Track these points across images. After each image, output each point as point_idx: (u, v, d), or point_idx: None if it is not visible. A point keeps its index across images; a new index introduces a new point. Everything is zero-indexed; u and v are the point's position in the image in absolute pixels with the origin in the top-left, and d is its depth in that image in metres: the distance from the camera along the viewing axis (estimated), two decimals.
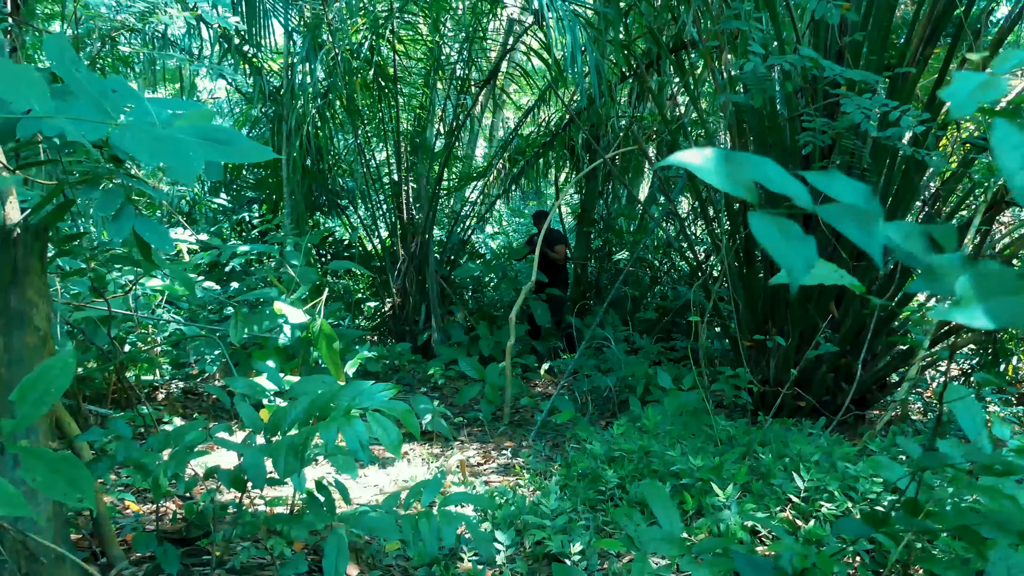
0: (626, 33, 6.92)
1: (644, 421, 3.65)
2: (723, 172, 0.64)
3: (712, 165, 0.64)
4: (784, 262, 0.59)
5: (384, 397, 1.91)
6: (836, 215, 0.63)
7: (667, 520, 1.41)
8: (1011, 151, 0.64)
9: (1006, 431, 1.42)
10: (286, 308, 3.84)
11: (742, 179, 0.64)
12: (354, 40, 6.55)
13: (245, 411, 1.97)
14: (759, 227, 0.62)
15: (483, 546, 2.08)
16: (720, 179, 0.64)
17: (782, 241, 0.60)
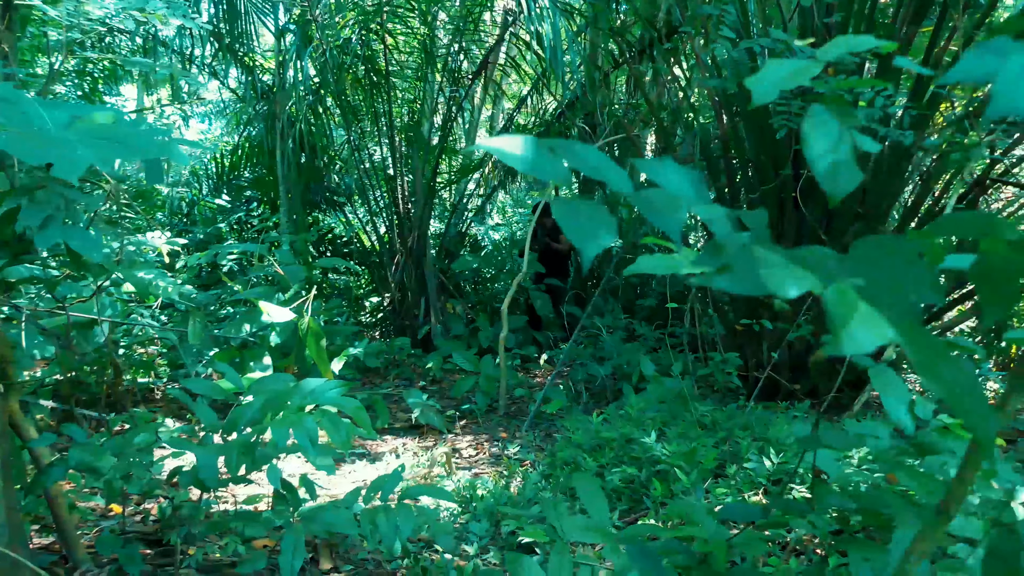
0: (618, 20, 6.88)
1: (627, 409, 3.65)
2: (532, 159, 0.64)
3: (523, 152, 0.65)
4: (574, 238, 0.60)
5: (337, 394, 1.92)
6: (643, 200, 0.63)
7: (595, 510, 1.41)
8: (820, 137, 0.64)
9: (928, 410, 1.41)
10: (270, 307, 3.87)
11: (554, 167, 0.64)
12: (343, 35, 6.56)
13: (202, 411, 1.99)
14: (558, 209, 0.62)
15: (443, 538, 2.10)
16: (529, 166, 0.64)
17: (575, 220, 0.60)
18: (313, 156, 7.19)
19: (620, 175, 0.67)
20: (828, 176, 0.62)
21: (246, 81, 6.95)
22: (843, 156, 0.63)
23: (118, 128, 1.21)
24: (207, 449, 1.85)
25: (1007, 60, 0.44)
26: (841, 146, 0.63)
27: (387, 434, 4.79)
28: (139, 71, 7.90)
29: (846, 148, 0.63)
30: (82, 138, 1.11)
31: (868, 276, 0.52)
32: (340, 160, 8.06)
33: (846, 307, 0.47)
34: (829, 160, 0.62)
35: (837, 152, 0.63)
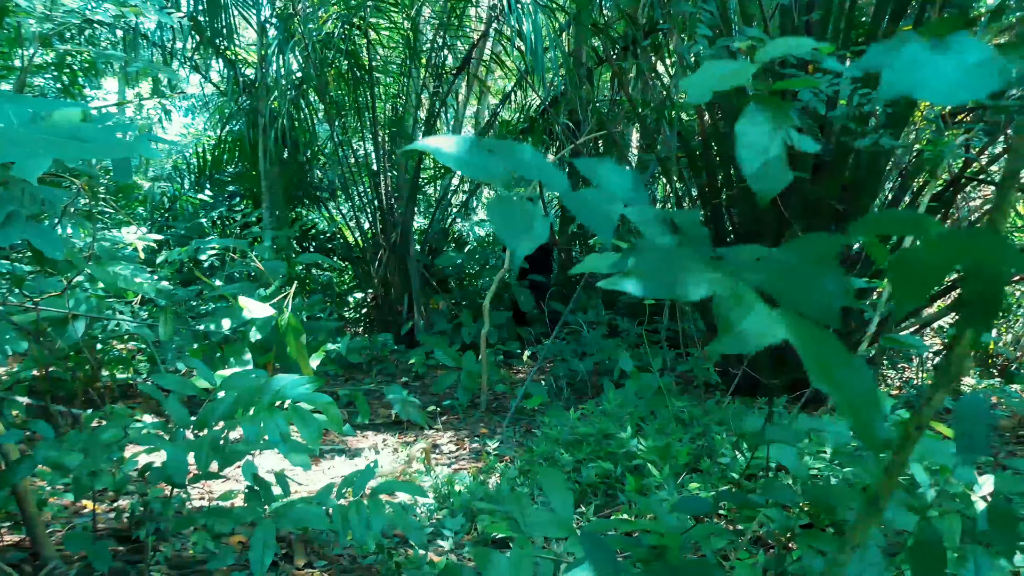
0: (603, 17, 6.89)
1: (605, 404, 3.67)
2: (468, 160, 0.65)
3: (458, 152, 0.65)
4: (504, 238, 0.60)
5: (308, 390, 1.92)
6: (575, 200, 0.64)
7: (560, 504, 1.42)
8: (752, 137, 0.65)
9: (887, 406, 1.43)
10: (249, 303, 3.86)
11: (490, 167, 0.65)
12: (326, 30, 6.53)
13: (173, 408, 1.99)
14: (493, 208, 0.63)
15: (413, 533, 2.11)
16: (465, 166, 0.65)
17: (506, 220, 0.61)
18: (296, 151, 7.16)
19: (556, 175, 0.68)
20: (757, 176, 0.63)
21: (228, 75, 6.91)
22: (773, 157, 0.64)
23: (83, 126, 1.21)
24: (177, 445, 1.85)
25: (899, 52, 0.45)
26: (772, 147, 0.64)
27: (368, 430, 4.79)
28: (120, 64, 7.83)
29: (777, 149, 0.64)
30: (44, 136, 1.10)
31: (785, 277, 0.53)
32: (323, 156, 8.03)
33: (741, 308, 0.48)
34: (759, 161, 0.64)
35: (767, 153, 0.64)
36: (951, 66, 0.44)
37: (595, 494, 2.95)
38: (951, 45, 0.46)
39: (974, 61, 0.44)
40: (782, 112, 0.69)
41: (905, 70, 0.43)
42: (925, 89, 0.43)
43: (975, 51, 0.45)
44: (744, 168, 0.64)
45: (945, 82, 0.43)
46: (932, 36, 0.58)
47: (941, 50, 0.45)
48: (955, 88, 0.42)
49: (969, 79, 0.43)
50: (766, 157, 0.64)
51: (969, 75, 0.43)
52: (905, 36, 0.48)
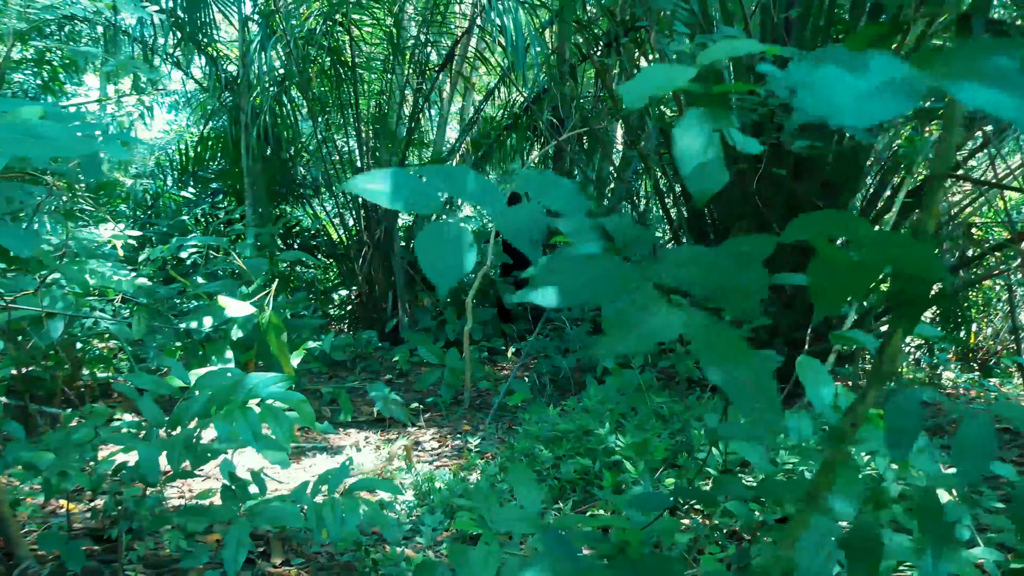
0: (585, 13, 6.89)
1: (586, 401, 3.69)
2: (400, 194, 0.65)
3: (389, 188, 0.66)
4: (428, 272, 0.61)
5: (281, 388, 1.92)
6: (505, 219, 0.65)
7: (528, 500, 1.44)
8: (689, 139, 0.66)
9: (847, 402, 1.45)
10: (229, 302, 3.85)
11: (425, 198, 0.66)
12: (308, 26, 6.51)
13: (147, 407, 1.99)
14: (421, 240, 0.63)
15: (388, 530, 2.12)
16: (398, 202, 0.65)
17: (432, 251, 0.62)
18: (278, 148, 7.13)
19: (495, 196, 0.69)
20: (693, 178, 0.64)
21: (210, 72, 6.87)
22: (710, 159, 0.65)
23: (41, 124, 1.21)
24: (149, 445, 1.85)
25: (816, 71, 0.46)
26: (708, 150, 0.65)
27: (351, 427, 4.79)
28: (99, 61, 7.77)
29: (714, 151, 0.66)
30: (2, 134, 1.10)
31: (707, 278, 0.54)
32: (307, 153, 8.00)
33: (643, 305, 0.49)
34: (696, 162, 0.65)
35: (703, 155, 0.65)
36: (864, 87, 0.44)
37: (574, 490, 2.97)
38: (867, 63, 0.47)
39: (885, 80, 0.45)
40: (722, 115, 0.70)
41: (819, 91, 0.44)
42: (838, 112, 0.43)
43: (888, 69, 0.46)
44: (681, 169, 0.65)
45: (857, 104, 0.43)
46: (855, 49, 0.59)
47: (856, 69, 0.46)
48: (866, 110, 0.43)
49: (880, 100, 0.43)
50: (702, 159, 0.65)
51: (880, 96, 0.43)
52: (824, 54, 0.49)
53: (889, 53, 0.48)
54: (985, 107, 0.43)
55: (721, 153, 0.66)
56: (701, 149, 0.66)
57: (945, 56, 0.48)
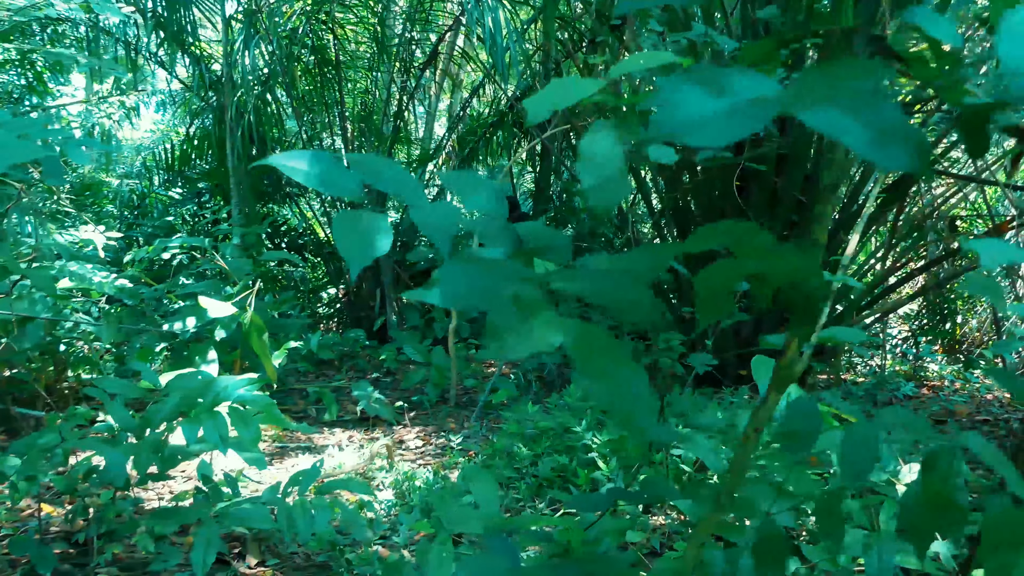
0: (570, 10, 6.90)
1: (567, 398, 3.71)
2: (321, 176, 0.67)
3: (310, 168, 0.67)
4: (344, 252, 0.63)
5: (249, 391, 1.94)
6: (421, 214, 0.66)
7: (485, 501, 1.45)
8: (593, 152, 0.68)
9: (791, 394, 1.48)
10: (210, 302, 3.86)
11: (345, 182, 0.67)
12: (291, 25, 6.50)
13: (115, 410, 2.00)
14: (337, 223, 0.65)
15: (357, 530, 2.13)
16: (318, 182, 0.67)
17: (348, 234, 0.63)
18: (264, 147, 7.12)
19: (414, 189, 0.70)
20: (593, 191, 0.65)
21: (194, 72, 6.86)
22: (611, 172, 0.66)
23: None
24: (116, 448, 1.86)
25: (679, 89, 0.47)
26: (611, 163, 0.67)
27: (336, 427, 4.81)
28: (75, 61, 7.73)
29: (615, 165, 0.67)
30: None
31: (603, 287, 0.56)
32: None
33: (527, 313, 0.50)
34: (597, 176, 0.66)
35: (606, 168, 0.66)
36: (716, 107, 0.45)
37: (551, 487, 2.99)
38: (728, 83, 0.48)
39: (737, 101, 0.46)
40: (630, 127, 0.71)
41: (674, 110, 0.45)
42: (686, 131, 0.44)
43: (748, 89, 0.47)
44: (582, 182, 0.66)
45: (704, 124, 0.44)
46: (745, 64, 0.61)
47: (716, 89, 0.47)
48: (713, 131, 0.44)
49: (727, 121, 0.44)
50: (604, 172, 0.67)
51: (729, 117, 0.45)
52: (694, 72, 0.49)
53: (754, 73, 0.49)
54: (832, 133, 0.44)
55: (624, 166, 0.68)
56: (603, 163, 0.67)
57: (804, 76, 0.50)
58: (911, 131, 0.42)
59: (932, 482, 0.63)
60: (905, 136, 0.42)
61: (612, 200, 0.66)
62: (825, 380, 5.69)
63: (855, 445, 0.72)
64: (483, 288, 0.53)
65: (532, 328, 0.50)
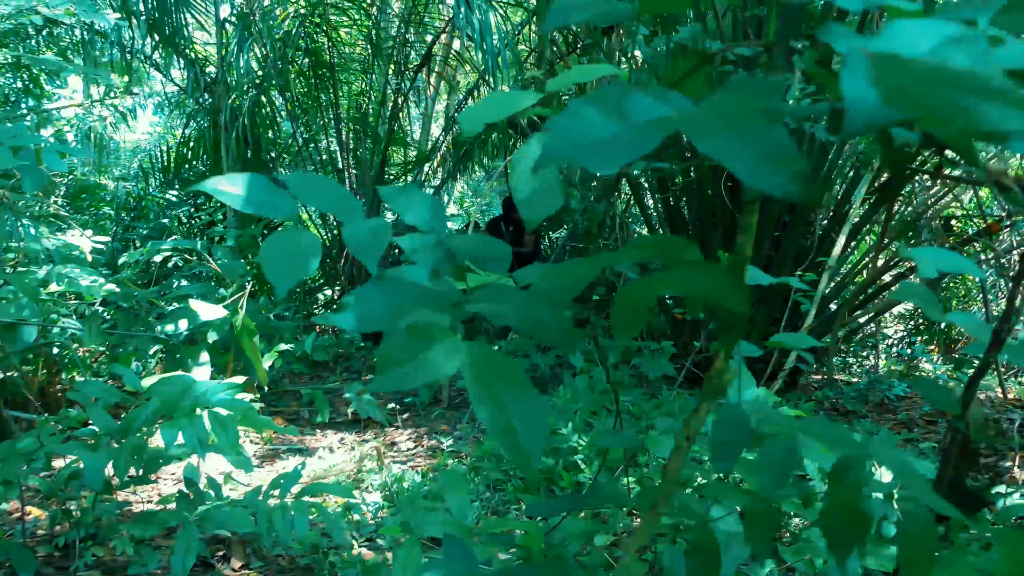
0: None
1: (555, 399, 3.72)
2: (254, 199, 0.68)
3: (243, 192, 0.68)
4: (270, 275, 0.63)
5: (230, 395, 1.95)
6: (349, 234, 0.67)
7: (456, 506, 1.46)
8: (526, 164, 0.68)
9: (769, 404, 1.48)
10: (201, 305, 3.87)
11: (280, 204, 0.68)
12: (284, 28, 6.51)
13: (96, 415, 2.01)
14: (267, 245, 0.65)
15: (337, 533, 2.14)
16: (252, 206, 0.68)
17: (276, 257, 0.64)
18: (258, 149, 7.14)
19: (350, 204, 0.71)
20: (525, 203, 0.66)
21: (188, 75, 6.88)
22: (545, 185, 0.67)
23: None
24: (95, 453, 1.87)
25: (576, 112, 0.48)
26: (544, 176, 0.67)
27: (328, 429, 4.81)
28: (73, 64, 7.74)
29: (550, 177, 0.68)
30: None
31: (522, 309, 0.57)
32: (288, 154, 8.01)
33: (427, 339, 0.51)
34: (529, 188, 0.67)
35: (540, 180, 0.67)
36: (610, 130, 0.45)
37: (538, 490, 3.00)
38: (625, 105, 0.48)
39: (634, 123, 0.46)
40: None
41: (566, 133, 0.44)
42: (582, 156, 0.44)
43: (646, 111, 0.47)
44: (514, 194, 0.67)
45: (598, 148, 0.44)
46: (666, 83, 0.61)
47: (613, 111, 0.47)
48: (608, 154, 0.44)
49: (621, 144, 0.44)
50: (536, 185, 0.67)
51: (622, 139, 0.44)
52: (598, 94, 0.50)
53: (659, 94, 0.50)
54: (719, 158, 0.45)
55: (557, 178, 0.69)
56: (538, 175, 0.68)
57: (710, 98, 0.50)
58: (792, 157, 0.43)
59: (839, 492, 0.64)
60: (785, 162, 0.42)
61: (544, 211, 0.67)
62: (818, 381, 5.70)
63: (773, 455, 0.72)
64: (388, 314, 0.54)
65: (428, 357, 0.50)
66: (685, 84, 0.64)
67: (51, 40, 7.60)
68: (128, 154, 10.37)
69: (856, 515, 0.63)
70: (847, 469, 0.64)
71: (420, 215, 0.74)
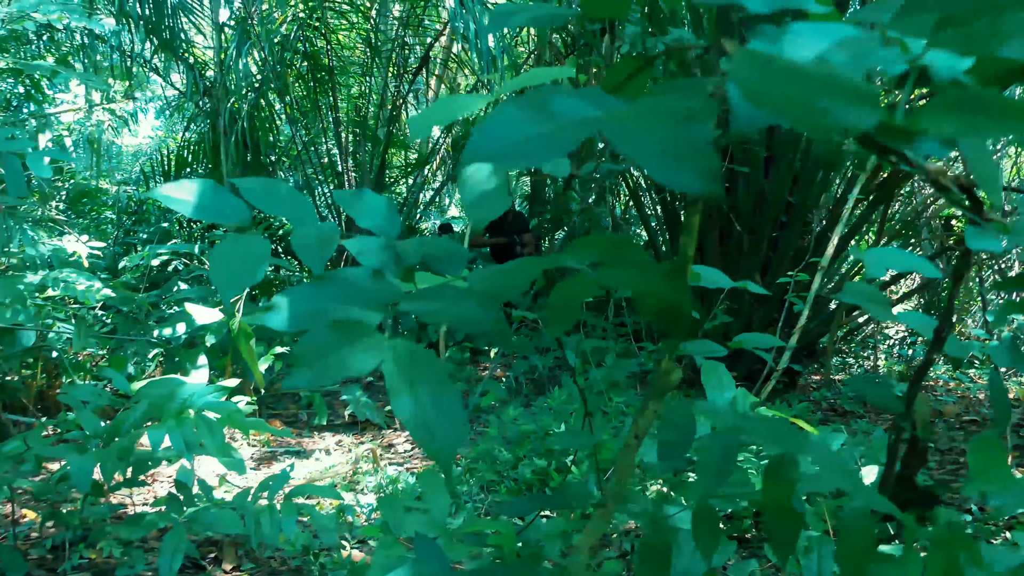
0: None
1: (550, 401, 3.72)
2: (205, 205, 0.69)
3: (194, 198, 0.69)
4: (217, 283, 0.64)
5: (216, 397, 1.96)
6: (297, 239, 0.68)
7: (436, 506, 1.47)
8: (474, 167, 0.69)
9: (746, 404, 1.49)
10: (196, 309, 3.89)
11: (231, 209, 0.69)
12: (282, 32, 6.54)
13: (85, 418, 2.02)
14: (215, 253, 0.66)
15: (325, 534, 2.15)
16: (203, 212, 0.68)
17: (223, 265, 0.65)
18: (258, 153, 7.16)
19: (302, 209, 0.72)
20: (473, 206, 0.67)
21: (187, 78, 6.91)
22: (492, 187, 0.68)
23: None
24: (82, 456, 1.88)
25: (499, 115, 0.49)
26: (492, 179, 0.68)
27: (326, 431, 4.83)
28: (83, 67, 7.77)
29: (496, 181, 0.69)
30: None
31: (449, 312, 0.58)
32: (287, 157, 8.04)
33: (343, 337, 0.51)
34: (478, 191, 0.68)
35: (486, 184, 0.68)
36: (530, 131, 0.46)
37: (531, 491, 3.01)
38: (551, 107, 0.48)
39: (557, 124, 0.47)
40: None
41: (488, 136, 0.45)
42: (502, 156, 0.44)
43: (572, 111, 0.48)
44: (461, 196, 0.68)
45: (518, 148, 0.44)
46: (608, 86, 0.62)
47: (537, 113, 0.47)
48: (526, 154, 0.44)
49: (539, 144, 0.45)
50: (484, 188, 0.68)
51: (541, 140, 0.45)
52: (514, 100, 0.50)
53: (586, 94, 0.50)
54: (635, 157, 0.45)
55: (504, 181, 0.69)
56: (483, 179, 0.69)
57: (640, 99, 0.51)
58: (703, 156, 0.44)
59: (773, 491, 0.64)
60: (696, 160, 0.43)
61: (488, 215, 0.68)
62: (817, 381, 5.69)
63: (712, 454, 0.73)
64: (313, 313, 0.54)
65: (347, 353, 0.51)
66: (628, 87, 0.64)
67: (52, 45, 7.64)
68: (130, 158, 10.41)
69: (790, 514, 0.63)
70: (779, 469, 0.64)
71: (373, 218, 0.75)
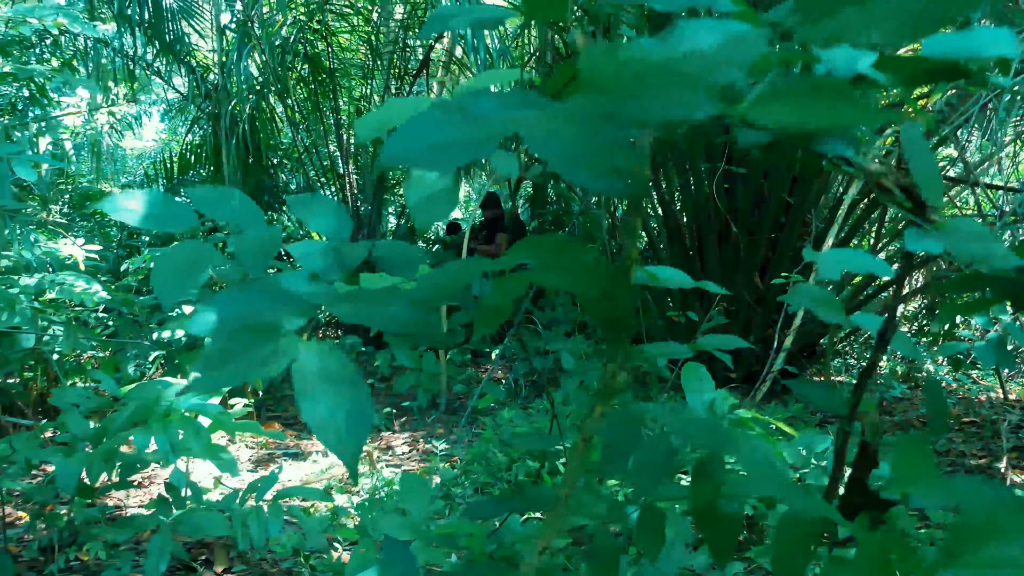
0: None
1: (545, 403, 3.72)
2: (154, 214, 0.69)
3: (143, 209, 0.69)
4: (156, 291, 0.64)
5: (202, 399, 1.96)
6: (236, 244, 0.68)
7: (415, 509, 1.47)
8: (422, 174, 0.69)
9: (725, 406, 1.49)
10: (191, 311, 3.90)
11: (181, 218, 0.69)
12: (283, 35, 6.56)
13: (73, 420, 2.03)
14: (160, 261, 0.67)
15: (312, 536, 2.16)
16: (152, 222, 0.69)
17: (164, 273, 0.65)
18: (259, 155, 7.19)
19: (250, 214, 0.72)
20: (419, 208, 0.67)
21: (189, 81, 6.95)
22: (439, 189, 0.68)
23: None
24: (71, 458, 1.89)
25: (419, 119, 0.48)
26: (440, 181, 0.68)
27: None
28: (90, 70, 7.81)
29: (444, 183, 0.69)
30: None
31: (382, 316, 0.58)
32: (289, 160, 8.07)
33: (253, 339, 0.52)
34: (424, 193, 0.68)
35: (433, 187, 0.68)
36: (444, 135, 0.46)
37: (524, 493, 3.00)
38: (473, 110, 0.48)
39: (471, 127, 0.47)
40: None
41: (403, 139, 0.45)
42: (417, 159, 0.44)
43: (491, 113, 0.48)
44: (407, 199, 0.68)
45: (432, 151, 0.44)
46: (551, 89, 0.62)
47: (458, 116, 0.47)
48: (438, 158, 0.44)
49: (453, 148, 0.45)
50: (431, 191, 0.68)
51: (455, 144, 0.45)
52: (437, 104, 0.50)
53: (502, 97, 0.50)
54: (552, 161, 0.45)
55: (451, 183, 0.70)
56: (432, 180, 0.69)
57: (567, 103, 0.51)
58: (618, 156, 0.43)
59: (701, 492, 0.64)
60: (607, 160, 0.43)
61: (434, 217, 0.68)
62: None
63: (652, 455, 0.73)
64: (239, 317, 0.55)
65: (255, 354, 0.51)
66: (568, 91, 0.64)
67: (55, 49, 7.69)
68: (134, 160, 10.46)
69: (717, 517, 0.63)
70: (706, 470, 0.64)
71: (324, 222, 0.75)
